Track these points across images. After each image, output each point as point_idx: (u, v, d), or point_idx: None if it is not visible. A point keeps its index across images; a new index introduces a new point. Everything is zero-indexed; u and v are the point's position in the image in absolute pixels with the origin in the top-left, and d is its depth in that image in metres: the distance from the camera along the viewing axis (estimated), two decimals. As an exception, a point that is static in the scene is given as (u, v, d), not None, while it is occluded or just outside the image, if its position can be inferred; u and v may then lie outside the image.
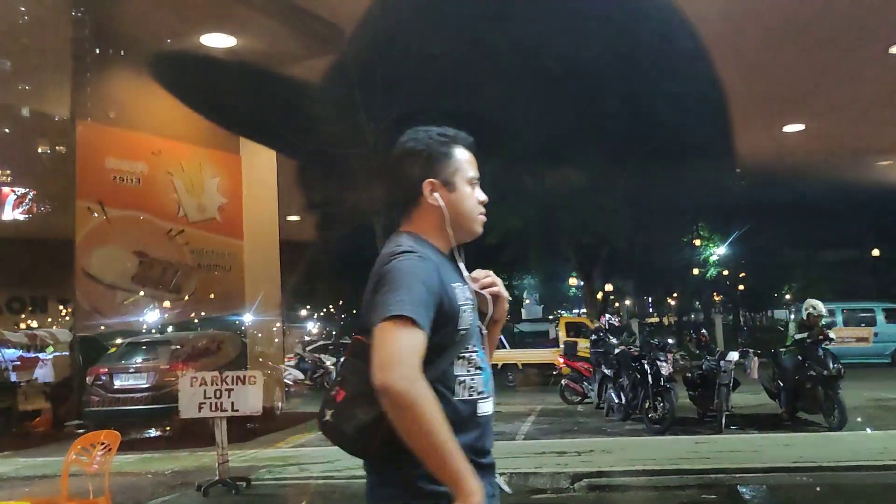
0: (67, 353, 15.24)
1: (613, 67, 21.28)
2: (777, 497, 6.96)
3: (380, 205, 24.29)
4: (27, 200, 19.55)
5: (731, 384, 10.39)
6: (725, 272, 44.28)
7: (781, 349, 10.80)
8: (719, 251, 40.75)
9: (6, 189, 19.39)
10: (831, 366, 9.92)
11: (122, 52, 14.27)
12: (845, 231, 39.65)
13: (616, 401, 11.89)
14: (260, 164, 16.96)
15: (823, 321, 10.58)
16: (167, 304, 14.85)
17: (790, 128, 20.03)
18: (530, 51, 21.04)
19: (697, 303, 54.18)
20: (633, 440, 10.02)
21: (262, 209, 16.55)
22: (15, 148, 16.81)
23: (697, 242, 38.94)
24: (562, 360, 14.91)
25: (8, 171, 18.63)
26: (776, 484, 7.30)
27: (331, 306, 53.58)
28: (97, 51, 13.83)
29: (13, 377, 14.15)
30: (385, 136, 23.27)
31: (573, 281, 45.25)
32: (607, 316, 14.35)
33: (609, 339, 13.12)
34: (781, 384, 10.65)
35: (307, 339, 15.56)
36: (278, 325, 16.79)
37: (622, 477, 7.76)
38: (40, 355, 15.12)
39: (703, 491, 7.05)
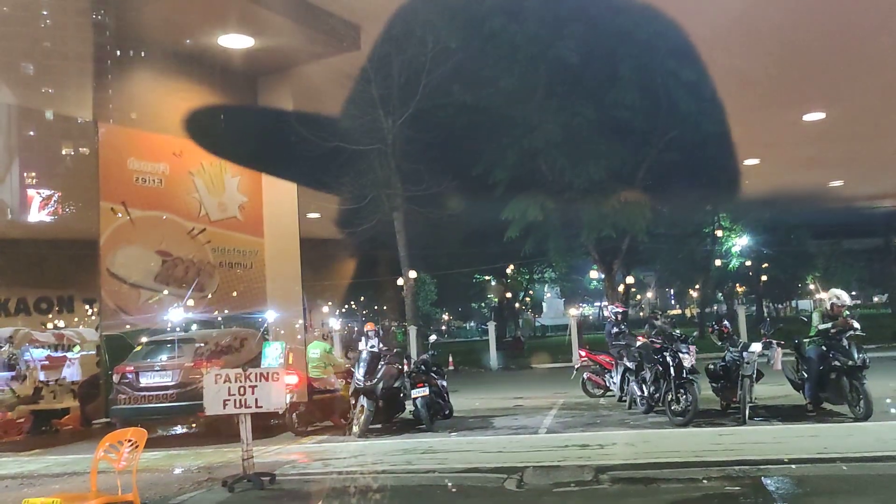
0: (94, 353, 15.45)
1: (630, 57, 21.14)
2: (802, 488, 6.90)
3: (398, 200, 24.38)
4: (52, 202, 19.83)
5: (755, 375, 10.32)
6: (748, 263, 43.88)
7: (805, 340, 10.70)
8: (741, 242, 40.36)
9: (31, 191, 19.68)
10: (856, 356, 9.83)
11: (142, 55, 14.44)
12: (868, 219, 39.17)
13: (639, 393, 11.84)
14: (279, 162, 17.06)
15: (847, 311, 10.47)
16: (190, 302, 15.01)
17: (810, 116, 19.82)
18: (546, 42, 20.96)
19: (720, 294, 53.75)
20: (656, 433, 9.98)
21: (283, 207, 16.66)
22: (40, 150, 17.09)
23: (719, 233, 38.60)
24: (583, 354, 14.88)
25: (34, 174, 18.89)
26: (801, 475, 7.23)
27: (352, 302, 53.78)
28: (118, 54, 14.01)
29: (42, 376, 14.37)
30: (402, 132, 23.37)
31: (594, 274, 45.08)
32: (610, 307, 14.55)
33: (622, 327, 13.27)
34: (806, 375, 10.56)
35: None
36: (300, 321, 16.91)
37: (645, 470, 7.73)
38: (68, 354, 15.32)
39: (728, 483, 7.01)
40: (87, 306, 21.80)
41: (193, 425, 12.87)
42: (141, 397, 11.81)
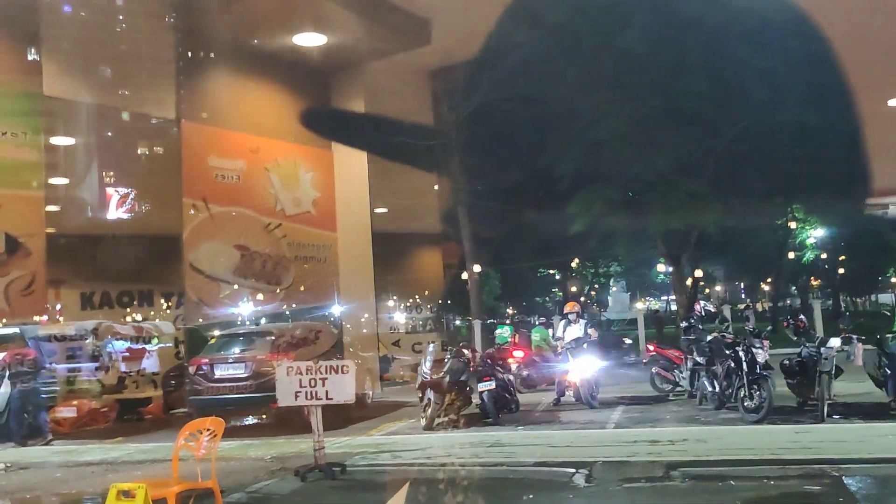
0: (171, 345, 16.01)
1: (699, 45, 20.62)
2: (887, 489, 6.66)
3: (463, 194, 24.42)
4: (129, 200, 20.53)
5: (833, 371, 9.98)
6: (823, 255, 42.31)
7: (888, 335, 10.30)
8: (816, 233, 38.95)
9: (110, 189, 20.42)
10: (943, 352, 9.43)
11: (220, 56, 14.86)
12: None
13: (709, 389, 11.59)
14: (351, 158, 17.34)
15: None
16: (266, 295, 15.39)
17: (896, 101, 18.97)
18: (611, 33, 20.63)
19: (793, 287, 52.00)
20: (728, 429, 9.77)
21: (354, 202, 16.94)
22: (123, 149, 17.70)
23: (792, 225, 37.33)
24: (651, 348, 14.66)
25: (111, 173, 19.60)
26: (885, 475, 6.98)
27: (416, 296, 54.11)
28: (197, 55, 14.46)
29: (123, 367, 14.98)
30: (466, 126, 23.40)
31: (661, 267, 44.24)
32: (702, 303, 14.04)
33: (701, 326, 12.90)
34: (889, 371, 10.17)
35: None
36: (370, 314, 17.16)
37: (719, 467, 7.58)
38: (147, 346, 15.91)
39: (806, 482, 6.81)
40: (163, 300, 22.55)
41: (265, 416, 13.22)
42: (216, 388, 12.18)
